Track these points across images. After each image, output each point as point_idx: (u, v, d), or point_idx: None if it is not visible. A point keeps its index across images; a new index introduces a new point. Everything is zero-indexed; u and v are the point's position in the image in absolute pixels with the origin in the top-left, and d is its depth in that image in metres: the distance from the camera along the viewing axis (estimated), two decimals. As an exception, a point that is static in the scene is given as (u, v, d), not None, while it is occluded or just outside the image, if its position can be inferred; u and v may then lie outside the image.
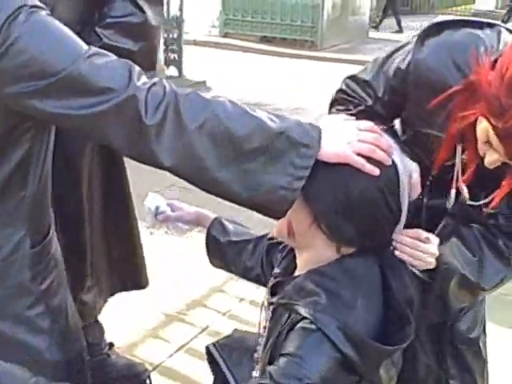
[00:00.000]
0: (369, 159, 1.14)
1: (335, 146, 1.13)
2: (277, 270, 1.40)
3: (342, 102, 1.58)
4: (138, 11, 1.90)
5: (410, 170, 1.22)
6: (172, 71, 8.23)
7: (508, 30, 1.37)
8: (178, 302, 3.17)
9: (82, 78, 1.10)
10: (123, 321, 2.97)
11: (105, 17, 1.86)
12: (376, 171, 1.14)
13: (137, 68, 1.15)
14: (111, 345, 2.48)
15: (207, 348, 1.49)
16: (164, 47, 8.07)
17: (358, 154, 1.14)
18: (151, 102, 1.10)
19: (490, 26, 1.37)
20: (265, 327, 1.31)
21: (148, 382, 2.45)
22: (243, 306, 3.10)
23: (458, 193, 1.45)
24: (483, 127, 1.20)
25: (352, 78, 1.57)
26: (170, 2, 8.12)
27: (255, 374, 1.35)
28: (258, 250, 1.58)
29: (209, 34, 11.98)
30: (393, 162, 1.18)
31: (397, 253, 1.32)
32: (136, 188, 3.74)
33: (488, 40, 1.32)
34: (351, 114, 1.51)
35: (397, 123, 1.55)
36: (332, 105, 1.62)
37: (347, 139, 1.14)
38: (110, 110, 1.10)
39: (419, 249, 1.35)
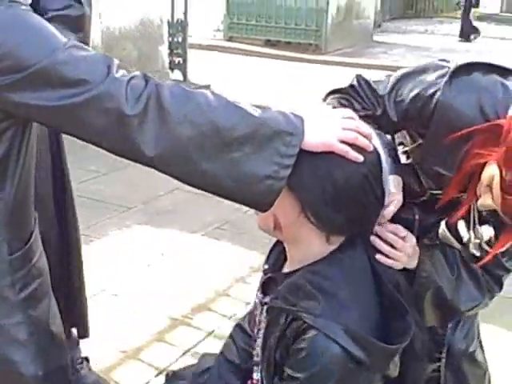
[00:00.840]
0: (351, 146, 1.15)
1: (318, 134, 1.14)
2: (266, 266, 1.40)
3: (349, 97, 1.54)
4: (77, 3, 1.87)
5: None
6: (177, 75, 8.23)
7: None
8: (184, 305, 3.16)
9: (60, 69, 1.09)
10: (129, 325, 2.98)
11: (43, 10, 1.79)
12: (360, 157, 1.16)
13: (115, 61, 1.14)
14: (86, 360, 2.42)
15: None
16: (168, 51, 8.07)
17: (341, 142, 1.14)
18: (131, 93, 1.09)
19: None
20: (259, 329, 1.31)
21: None
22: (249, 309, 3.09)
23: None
24: (491, 171, 1.21)
25: (367, 82, 1.53)
26: (175, 6, 8.13)
27: (256, 376, 1.35)
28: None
29: (213, 37, 11.98)
30: (374, 147, 1.20)
31: (372, 239, 1.34)
32: (139, 192, 3.76)
33: None
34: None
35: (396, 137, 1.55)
36: (334, 93, 1.57)
37: (330, 127, 1.15)
38: (88, 101, 1.09)
39: (397, 245, 1.37)
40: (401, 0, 17.39)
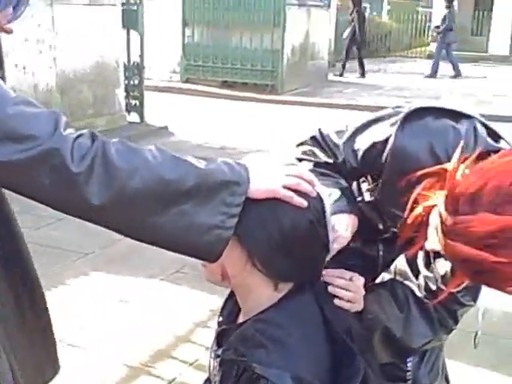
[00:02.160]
0: (295, 192, 1.17)
1: (263, 181, 1.15)
2: (220, 318, 1.40)
3: (311, 148, 1.61)
4: None
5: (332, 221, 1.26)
6: (133, 117, 8.23)
7: (482, 123, 1.44)
8: (144, 353, 3.08)
9: (8, 124, 1.08)
10: (88, 376, 2.87)
11: None
12: (304, 203, 1.17)
13: (63, 118, 1.13)
14: None
15: None
16: (125, 93, 8.07)
17: (285, 188, 1.16)
18: (77, 151, 1.09)
19: (467, 117, 1.44)
20: (215, 381, 1.29)
21: None
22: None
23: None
24: (435, 215, 1.22)
25: (326, 133, 1.60)
26: (131, 49, 8.16)
27: None
28: None
29: (170, 79, 12.04)
30: (317, 193, 1.21)
31: (330, 289, 1.36)
32: (96, 238, 3.66)
33: (465, 135, 1.39)
34: (317, 163, 1.53)
35: (354, 184, 1.60)
36: (299, 145, 1.65)
37: (273, 174, 1.17)
38: (34, 157, 1.08)
39: (350, 288, 1.38)
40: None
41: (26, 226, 4.54)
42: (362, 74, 14.13)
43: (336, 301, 1.34)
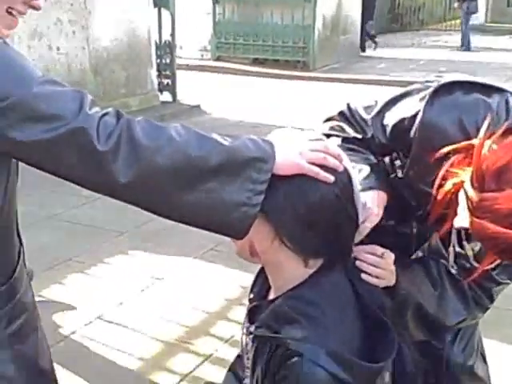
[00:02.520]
0: (322, 167, 1.16)
1: (288, 158, 1.15)
2: (251, 295, 1.40)
3: (340, 123, 1.60)
4: None
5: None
6: (166, 96, 8.26)
7: None
8: (180, 330, 3.13)
9: (34, 104, 1.09)
10: (126, 351, 2.94)
11: None
12: (331, 178, 1.16)
13: (89, 97, 1.14)
14: None
15: None
16: (157, 73, 8.10)
17: (311, 163, 1.15)
18: (103, 130, 1.10)
19: (499, 91, 1.40)
20: (247, 358, 1.31)
21: None
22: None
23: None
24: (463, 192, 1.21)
25: (355, 108, 1.58)
26: (162, 28, 8.17)
27: None
28: None
29: (201, 57, 12.03)
30: (344, 168, 1.20)
31: (357, 263, 1.36)
32: (131, 217, 3.72)
33: (497, 109, 1.35)
34: (346, 139, 1.53)
35: (387, 160, 1.57)
36: (327, 121, 1.63)
37: (299, 150, 1.16)
38: (61, 137, 1.09)
39: (380, 265, 1.38)
40: (386, 14, 17.56)
41: (66, 206, 4.65)
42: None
43: (363, 275, 1.34)
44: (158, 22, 8.09)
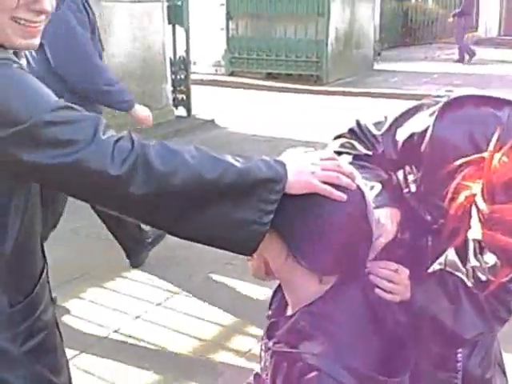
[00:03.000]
0: (334, 186, 1.17)
1: (301, 177, 1.17)
2: (269, 312, 1.41)
3: (350, 140, 1.61)
4: None
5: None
6: (181, 111, 8.32)
7: None
8: (199, 343, 3.14)
9: (47, 129, 1.11)
10: (144, 366, 2.95)
11: None
12: (343, 197, 1.17)
13: (103, 122, 1.16)
14: None
15: None
16: (172, 88, 8.16)
17: (324, 183, 1.17)
18: (118, 155, 1.12)
19: (510, 104, 1.40)
20: (267, 373, 1.31)
21: None
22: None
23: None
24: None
25: (364, 125, 1.60)
26: (177, 44, 8.24)
27: None
28: None
29: (215, 72, 12.11)
30: (357, 185, 1.21)
31: (371, 278, 1.36)
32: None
33: (507, 121, 1.35)
34: (357, 156, 1.54)
35: (400, 174, 1.58)
36: (337, 138, 1.65)
37: (311, 170, 1.18)
38: (76, 162, 1.11)
39: (394, 280, 1.38)
40: (399, 28, 17.59)
41: (84, 220, 4.64)
42: None
43: (377, 290, 1.35)
44: (172, 38, 8.17)
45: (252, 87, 11.13)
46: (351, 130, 1.62)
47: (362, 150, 1.57)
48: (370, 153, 1.56)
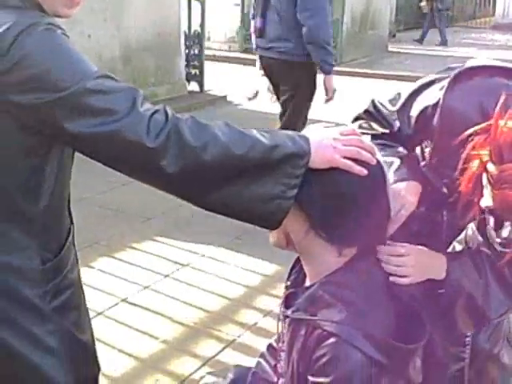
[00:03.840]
0: (355, 161, 1.21)
1: (323, 152, 1.21)
2: (288, 283, 1.44)
3: (367, 121, 1.63)
4: None
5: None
6: (193, 86, 8.30)
7: None
8: (204, 315, 3.19)
9: (88, 98, 1.14)
10: (150, 334, 3.00)
11: None
12: (364, 171, 1.21)
13: (141, 94, 1.19)
14: None
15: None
16: (185, 63, 8.14)
17: (345, 157, 1.20)
18: (153, 128, 1.15)
19: None
20: (283, 341, 1.34)
21: None
22: (269, 319, 3.10)
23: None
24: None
25: (380, 103, 1.61)
26: (192, 19, 8.21)
27: None
28: None
29: (228, 49, 12.05)
30: (377, 161, 1.24)
31: (383, 266, 1.37)
32: (159, 203, 3.78)
33: None
34: (375, 135, 1.55)
35: (418, 149, 1.59)
36: (354, 121, 1.67)
37: (333, 145, 1.21)
38: (113, 132, 1.15)
39: (404, 264, 1.38)
40: (415, 10, 17.40)
41: (94, 191, 4.70)
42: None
43: (391, 278, 1.35)
44: (187, 12, 8.14)
45: (265, 65, 11.06)
46: (367, 111, 1.63)
47: (379, 129, 1.58)
48: (387, 131, 1.57)
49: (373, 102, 1.63)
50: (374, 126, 1.60)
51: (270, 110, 7.71)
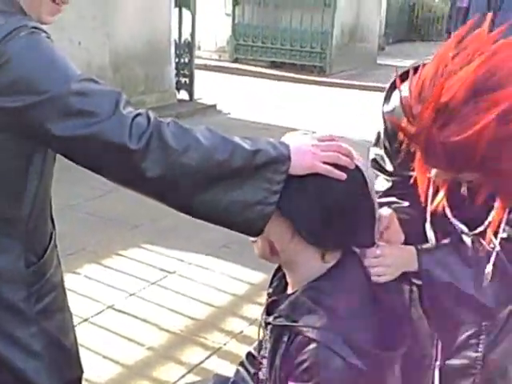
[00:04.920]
0: (334, 166, 1.23)
1: (303, 159, 1.22)
2: (270, 290, 1.45)
3: (375, 171, 1.69)
4: None
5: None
6: (183, 95, 8.31)
7: None
8: (190, 323, 3.18)
9: (70, 100, 1.14)
10: (136, 341, 2.99)
11: None
12: (343, 175, 1.23)
13: (124, 97, 1.20)
14: None
15: None
16: (175, 71, 8.16)
17: (324, 163, 1.22)
18: (135, 130, 1.15)
19: None
20: (265, 347, 1.35)
21: None
22: (255, 327, 3.10)
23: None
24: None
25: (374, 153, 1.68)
26: (182, 28, 8.23)
27: None
28: None
29: (219, 58, 12.09)
30: (356, 165, 1.26)
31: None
32: (146, 210, 3.76)
33: None
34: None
35: None
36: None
37: (312, 151, 1.23)
38: (95, 134, 1.15)
39: (380, 264, 1.39)
40: (405, 24, 17.55)
41: (81, 198, 4.67)
42: None
43: (373, 278, 1.36)
44: (178, 21, 8.16)
45: (255, 75, 11.12)
46: (373, 161, 1.67)
47: (388, 164, 1.63)
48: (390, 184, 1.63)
49: (371, 150, 1.68)
50: (386, 159, 1.65)
51: (258, 119, 7.77)
